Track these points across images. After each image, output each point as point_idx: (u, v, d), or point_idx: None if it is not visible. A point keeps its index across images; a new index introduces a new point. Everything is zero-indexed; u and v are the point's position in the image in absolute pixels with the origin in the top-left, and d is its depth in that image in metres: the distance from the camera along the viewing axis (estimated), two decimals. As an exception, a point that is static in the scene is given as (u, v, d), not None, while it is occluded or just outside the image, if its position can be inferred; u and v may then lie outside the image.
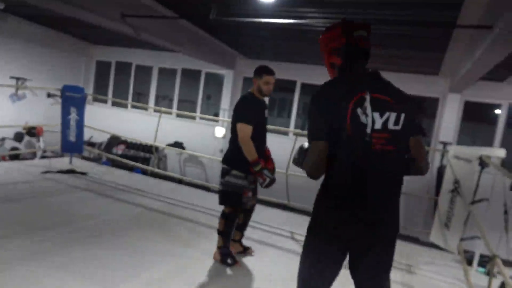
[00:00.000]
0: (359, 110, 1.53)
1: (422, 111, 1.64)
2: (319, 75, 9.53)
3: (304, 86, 9.28)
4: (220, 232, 3.20)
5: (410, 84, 7.18)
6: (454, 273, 3.84)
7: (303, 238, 1.74)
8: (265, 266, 3.38)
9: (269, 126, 3.50)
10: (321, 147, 1.55)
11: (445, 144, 7.74)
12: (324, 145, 1.54)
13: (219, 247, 3.24)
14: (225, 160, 3.21)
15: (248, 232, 3.76)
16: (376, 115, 1.55)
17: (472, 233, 3.91)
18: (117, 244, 3.42)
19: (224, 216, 3.18)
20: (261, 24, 6.10)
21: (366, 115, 1.54)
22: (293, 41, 7.43)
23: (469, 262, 3.96)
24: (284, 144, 5.96)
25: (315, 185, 1.72)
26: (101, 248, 3.28)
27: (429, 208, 7.50)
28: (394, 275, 2.66)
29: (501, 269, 2.68)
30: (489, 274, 3.15)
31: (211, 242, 3.44)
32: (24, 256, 2.94)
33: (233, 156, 3.15)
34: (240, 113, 3.08)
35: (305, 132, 1.69)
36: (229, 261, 3.19)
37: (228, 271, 3.19)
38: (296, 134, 5.97)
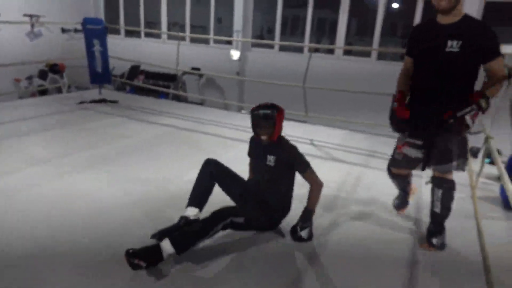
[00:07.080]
0: None
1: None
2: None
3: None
4: None
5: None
6: None
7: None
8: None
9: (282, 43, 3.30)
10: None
11: None
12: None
13: None
14: None
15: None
16: None
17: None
18: (158, 154, 3.93)
19: None
20: None
21: None
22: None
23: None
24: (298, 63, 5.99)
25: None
26: (141, 157, 3.80)
27: None
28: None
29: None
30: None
31: (235, 150, 3.87)
32: (80, 168, 3.48)
33: None
34: None
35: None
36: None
37: None
38: (311, 51, 5.92)
